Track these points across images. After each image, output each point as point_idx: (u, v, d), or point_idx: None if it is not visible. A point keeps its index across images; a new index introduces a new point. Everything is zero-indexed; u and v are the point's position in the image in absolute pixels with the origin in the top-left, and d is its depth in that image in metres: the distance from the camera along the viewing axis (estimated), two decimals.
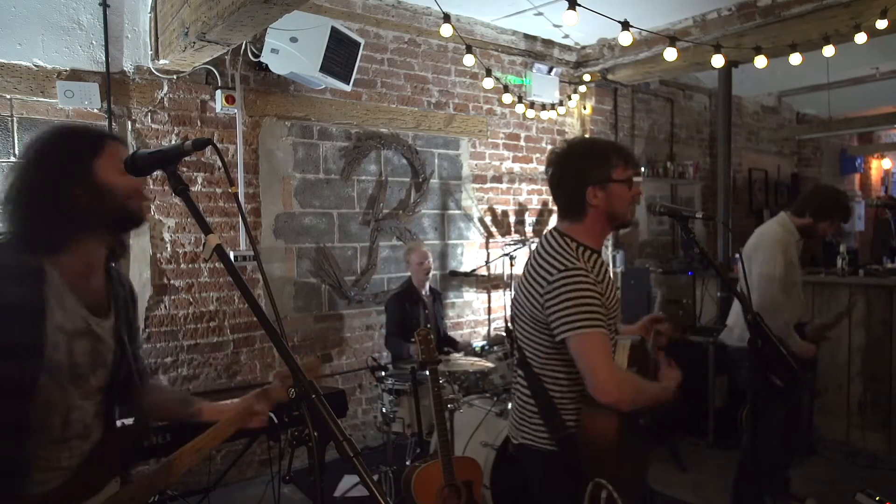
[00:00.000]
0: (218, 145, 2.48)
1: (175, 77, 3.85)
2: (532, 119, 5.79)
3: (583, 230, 1.98)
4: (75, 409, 1.42)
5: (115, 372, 1.52)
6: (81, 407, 1.43)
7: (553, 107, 5.81)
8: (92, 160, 1.44)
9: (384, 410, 3.66)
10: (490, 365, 3.82)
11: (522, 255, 5.40)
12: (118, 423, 1.62)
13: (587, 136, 6.08)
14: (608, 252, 6.17)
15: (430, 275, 4.52)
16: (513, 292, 2.53)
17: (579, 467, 1.85)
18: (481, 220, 5.50)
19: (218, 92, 3.97)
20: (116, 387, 1.54)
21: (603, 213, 1.97)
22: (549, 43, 5.79)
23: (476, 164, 5.45)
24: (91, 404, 1.46)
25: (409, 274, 4.60)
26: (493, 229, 5.57)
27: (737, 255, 4.24)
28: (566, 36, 5.70)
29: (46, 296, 1.36)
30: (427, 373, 3.07)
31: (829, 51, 4.53)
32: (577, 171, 1.97)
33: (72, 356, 1.39)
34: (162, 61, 3.70)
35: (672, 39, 4.21)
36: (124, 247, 1.58)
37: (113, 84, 3.64)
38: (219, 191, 4.06)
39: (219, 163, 3.93)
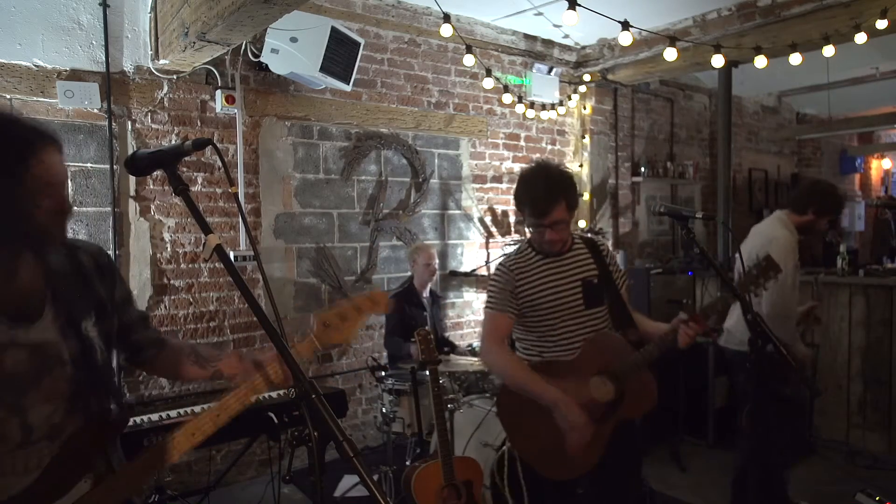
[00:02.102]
0: (218, 145, 2.48)
1: (175, 77, 3.85)
2: (532, 119, 5.79)
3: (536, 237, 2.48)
4: (33, 415, 1.34)
5: (82, 365, 1.41)
6: (42, 410, 1.35)
7: (553, 107, 5.81)
8: (19, 177, 1.27)
9: (384, 410, 3.66)
10: None
11: None
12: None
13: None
14: None
15: (436, 275, 4.52)
16: None
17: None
18: (481, 220, 5.50)
19: (218, 92, 3.97)
20: (95, 376, 1.43)
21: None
22: (549, 43, 5.79)
23: (476, 164, 5.45)
24: (58, 403, 1.38)
25: (409, 274, 4.60)
26: (493, 229, 5.57)
27: (736, 255, 4.23)
28: (566, 36, 5.70)
29: None
30: (427, 373, 3.07)
31: (829, 51, 4.53)
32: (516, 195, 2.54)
33: (2, 371, 1.30)
34: (162, 61, 3.70)
35: (672, 39, 4.21)
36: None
37: (113, 84, 3.64)
38: (219, 191, 4.06)
39: (219, 163, 3.93)
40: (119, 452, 1.55)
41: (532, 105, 5.63)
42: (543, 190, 2.32)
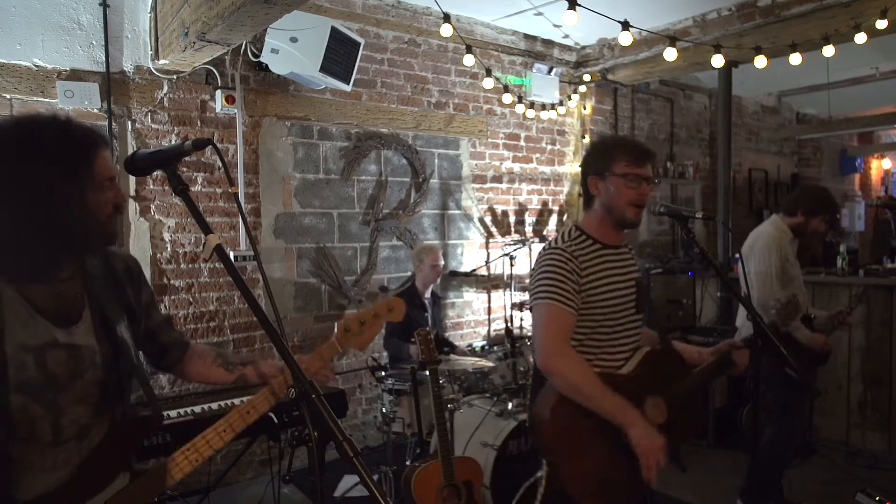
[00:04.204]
0: (218, 145, 2.49)
1: (175, 77, 3.85)
2: (532, 119, 5.79)
3: (591, 221, 2.13)
4: (66, 415, 1.37)
5: (112, 369, 1.45)
6: (74, 411, 1.39)
7: (553, 107, 5.81)
8: (86, 176, 1.32)
9: (384, 410, 3.66)
10: (490, 365, 3.82)
11: (522, 255, 5.40)
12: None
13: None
14: None
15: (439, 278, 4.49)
16: None
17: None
18: (481, 220, 5.50)
19: (218, 92, 3.97)
20: (125, 379, 1.48)
21: (602, 205, 2.09)
22: (549, 43, 5.79)
23: (476, 164, 5.45)
24: (87, 406, 1.41)
25: (409, 274, 4.59)
26: (493, 229, 5.57)
27: (737, 255, 4.27)
28: (566, 36, 5.70)
29: (3, 317, 1.29)
30: (427, 373, 3.07)
31: (829, 51, 4.53)
32: (585, 160, 2.17)
33: (45, 370, 1.33)
34: (162, 61, 3.70)
35: (672, 39, 4.21)
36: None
37: (113, 84, 3.64)
38: (219, 191, 4.06)
39: (219, 163, 3.93)
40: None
41: (532, 105, 5.63)
42: (640, 143, 2.13)
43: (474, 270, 5.29)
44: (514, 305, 5.16)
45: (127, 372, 1.48)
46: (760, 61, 4.59)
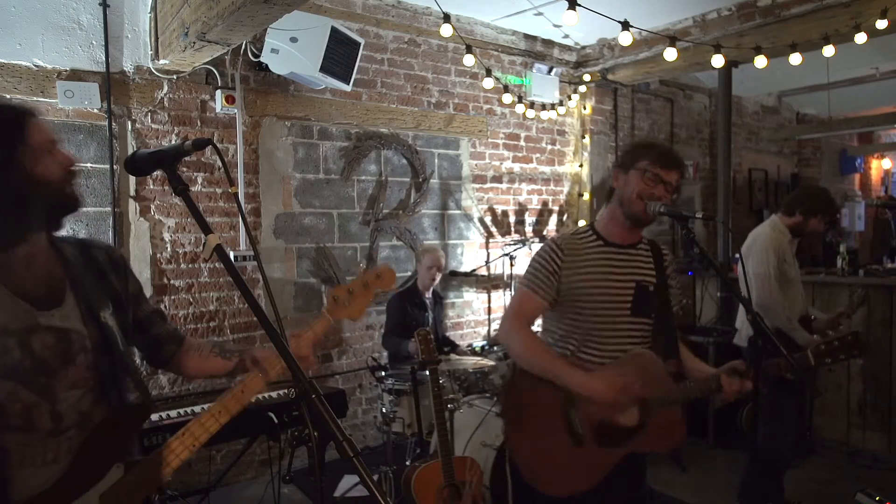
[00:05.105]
0: (218, 145, 2.48)
1: (175, 77, 3.85)
2: (532, 119, 5.79)
3: (603, 218, 2.22)
4: (62, 401, 1.35)
5: (104, 354, 1.42)
6: (69, 397, 1.36)
7: (553, 107, 5.81)
8: (18, 148, 1.30)
9: (384, 410, 3.66)
10: (490, 364, 3.82)
11: (522, 255, 5.40)
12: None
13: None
14: None
15: (437, 281, 4.47)
16: None
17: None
18: (481, 220, 5.50)
19: (218, 92, 3.97)
20: (117, 365, 1.45)
21: (617, 197, 2.17)
22: (549, 43, 5.79)
23: (476, 164, 5.45)
24: (84, 391, 1.39)
25: (409, 273, 4.59)
26: (493, 229, 5.57)
27: (737, 256, 4.28)
28: (566, 36, 5.70)
29: None
30: (427, 373, 3.07)
31: (829, 51, 4.53)
32: (618, 156, 2.25)
33: (32, 354, 1.31)
34: (162, 61, 3.70)
35: (672, 39, 4.21)
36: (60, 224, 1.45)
37: (113, 84, 3.64)
38: (219, 191, 4.06)
39: (219, 163, 3.93)
40: (136, 444, 1.57)
41: (532, 105, 5.63)
42: (673, 151, 2.20)
43: (474, 270, 5.29)
44: None
45: (119, 358, 1.45)
46: (760, 61, 4.59)
